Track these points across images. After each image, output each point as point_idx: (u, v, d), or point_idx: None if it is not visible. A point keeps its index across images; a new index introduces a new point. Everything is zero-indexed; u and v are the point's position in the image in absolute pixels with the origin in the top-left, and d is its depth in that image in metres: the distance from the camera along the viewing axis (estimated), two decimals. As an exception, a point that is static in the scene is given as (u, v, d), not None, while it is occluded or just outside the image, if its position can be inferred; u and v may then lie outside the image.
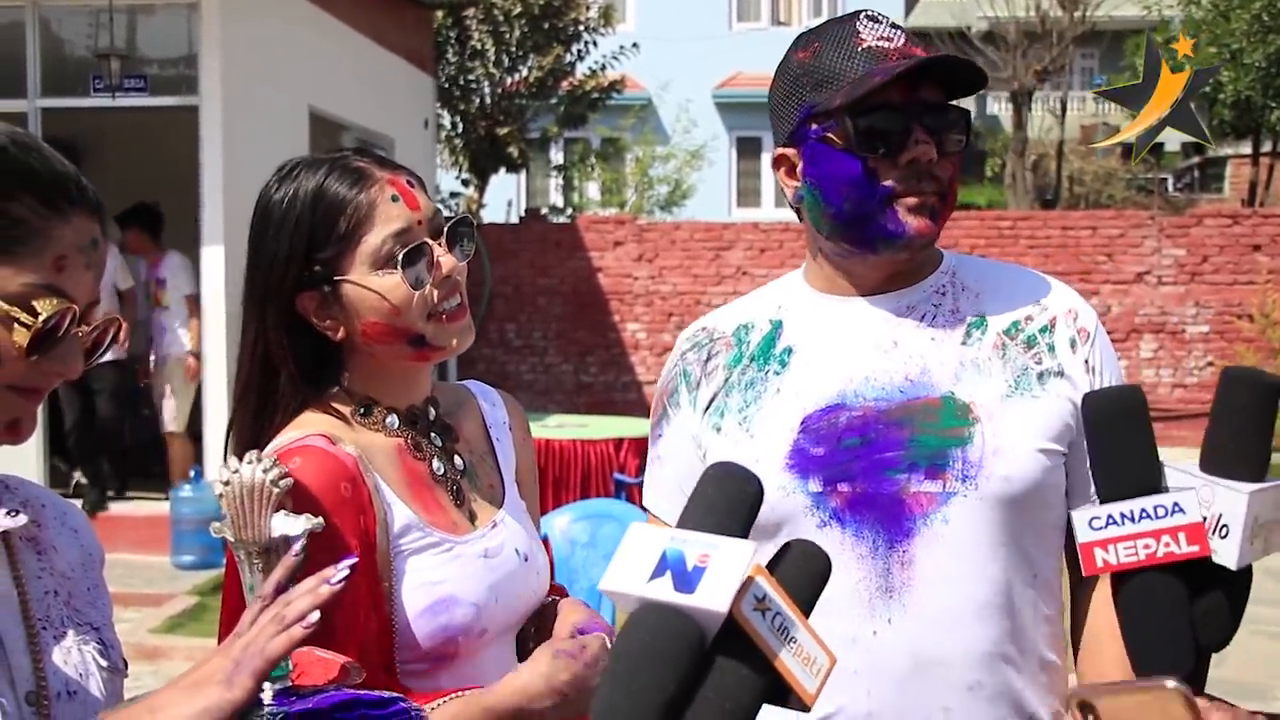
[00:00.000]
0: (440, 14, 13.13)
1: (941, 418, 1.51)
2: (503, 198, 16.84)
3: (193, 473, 7.44)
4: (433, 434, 1.58)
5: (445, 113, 14.24)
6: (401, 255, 1.46)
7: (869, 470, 1.51)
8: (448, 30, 13.84)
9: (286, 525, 1.19)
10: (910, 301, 1.59)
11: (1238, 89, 15.87)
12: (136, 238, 7.89)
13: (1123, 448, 1.01)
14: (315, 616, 1.09)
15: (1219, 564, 1.00)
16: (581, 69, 14.92)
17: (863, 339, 1.58)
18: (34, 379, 1.14)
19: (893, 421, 1.52)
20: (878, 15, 1.56)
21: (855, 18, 1.55)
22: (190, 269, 8.00)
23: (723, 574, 0.78)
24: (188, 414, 7.99)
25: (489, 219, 14.97)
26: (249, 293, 1.52)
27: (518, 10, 13.79)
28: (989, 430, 1.50)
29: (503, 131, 14.10)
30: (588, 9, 14.66)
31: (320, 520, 1.22)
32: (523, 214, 15.30)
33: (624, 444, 7.37)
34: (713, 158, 19.39)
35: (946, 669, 1.48)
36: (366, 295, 1.47)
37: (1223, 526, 1.00)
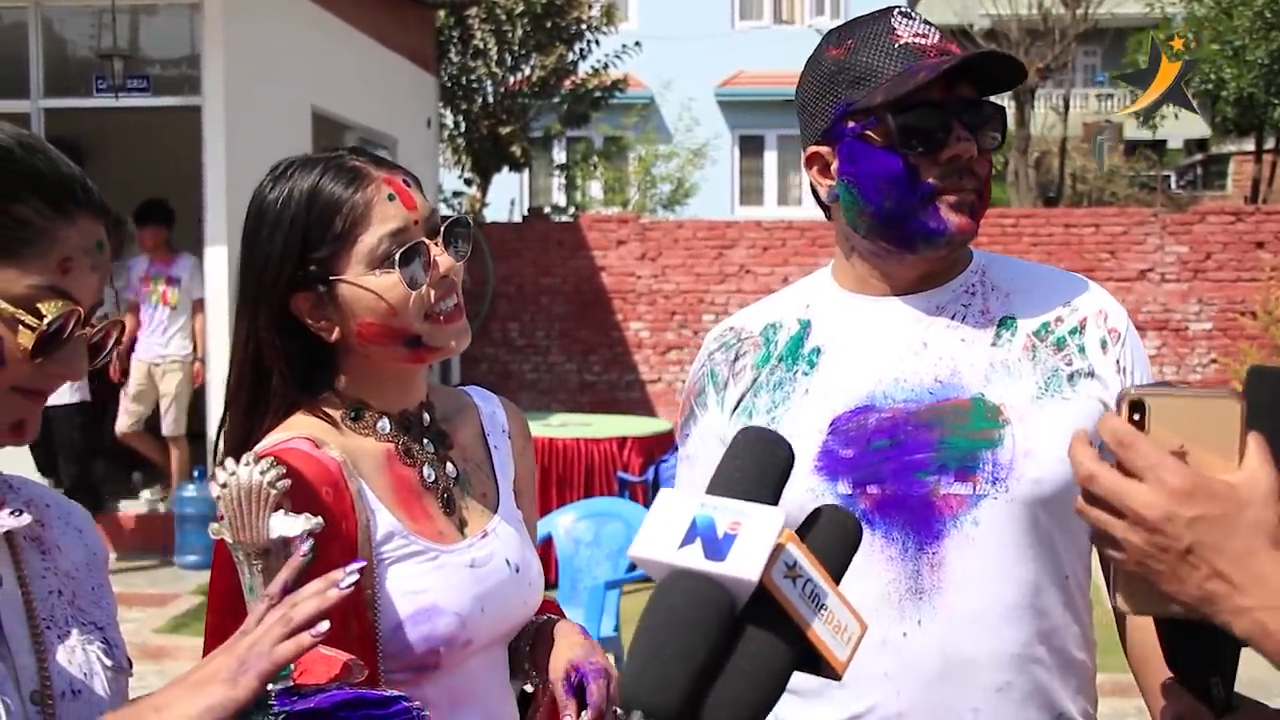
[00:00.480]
0: (443, 13, 13.12)
1: (972, 419, 1.51)
2: (505, 197, 16.82)
3: (196, 473, 7.45)
4: (425, 439, 1.56)
5: (448, 112, 14.23)
6: (398, 255, 1.44)
7: (899, 472, 1.50)
8: (450, 29, 13.83)
9: (285, 526, 1.19)
10: (940, 301, 1.58)
11: (1240, 86, 15.84)
12: (152, 235, 7.68)
13: None
14: (325, 625, 1.08)
15: None
16: (584, 68, 14.91)
17: (892, 340, 1.56)
18: (38, 381, 1.14)
19: (923, 423, 1.51)
20: (910, 12, 1.54)
21: (889, 14, 1.53)
22: (201, 273, 7.92)
23: (753, 541, 0.78)
24: (186, 418, 7.89)
25: (492, 218, 14.96)
26: (242, 292, 1.51)
27: (520, 9, 13.79)
28: (1019, 432, 1.49)
29: (505, 131, 14.10)
30: (590, 8, 14.65)
31: (320, 520, 1.21)
32: (525, 213, 15.29)
33: (627, 443, 7.38)
34: (715, 156, 19.36)
35: (976, 670, 1.47)
36: (362, 295, 1.45)
37: None
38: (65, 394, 7.12)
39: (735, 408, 1.61)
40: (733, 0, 22.36)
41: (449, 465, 1.57)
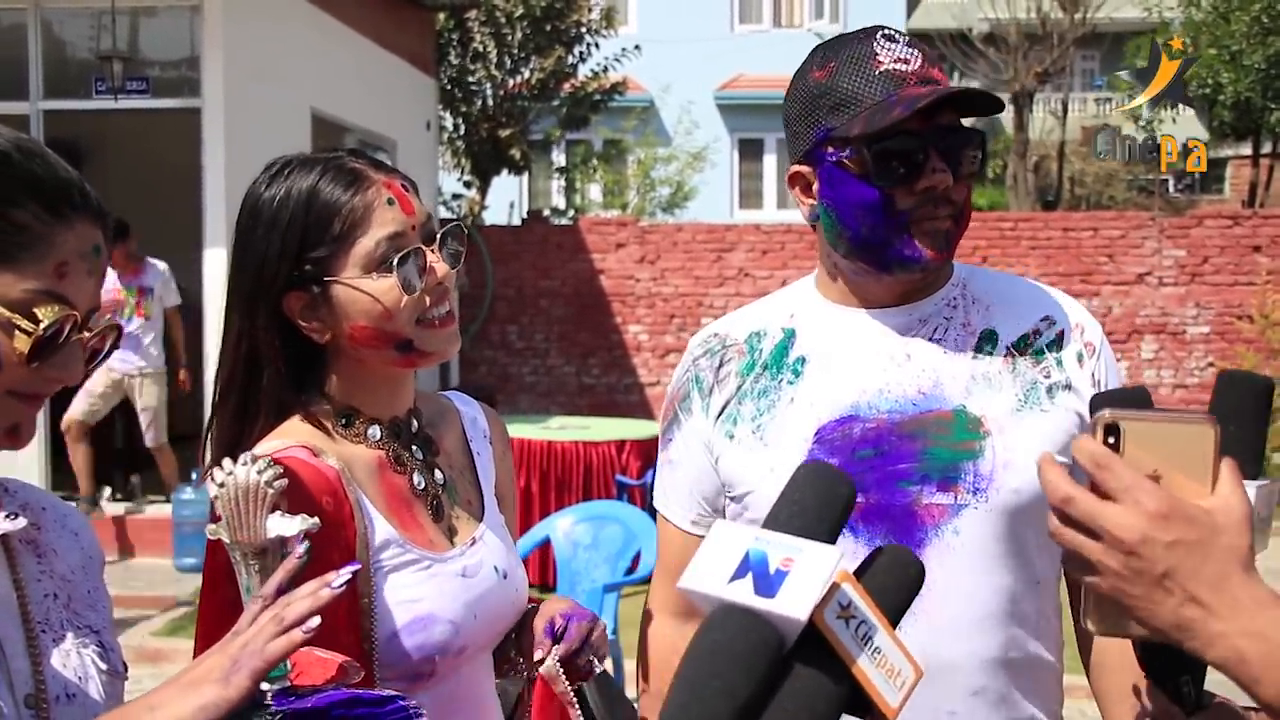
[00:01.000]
0: (442, 16, 13.13)
1: (954, 431, 1.54)
2: (505, 200, 16.82)
3: (194, 475, 7.43)
4: (414, 447, 1.56)
5: (447, 115, 14.23)
6: (395, 259, 1.44)
7: (882, 481, 1.52)
8: (450, 32, 13.84)
9: (282, 526, 1.18)
10: (922, 315, 1.61)
11: (1238, 90, 15.84)
12: (117, 254, 7.54)
13: None
14: (315, 621, 1.08)
15: None
16: (583, 71, 14.91)
17: (876, 351, 1.59)
18: (35, 385, 1.13)
19: (906, 434, 1.54)
20: (894, 34, 1.55)
21: (872, 36, 1.54)
22: (172, 280, 7.84)
23: (806, 580, 0.76)
24: (166, 426, 7.80)
25: (491, 221, 14.97)
26: (235, 291, 1.50)
27: (520, 12, 13.80)
28: (1000, 444, 1.53)
29: (505, 133, 14.10)
30: (590, 11, 14.66)
31: (316, 520, 1.20)
32: (524, 216, 15.28)
33: (626, 446, 7.37)
34: (714, 160, 19.36)
35: (954, 675, 1.50)
36: (358, 297, 1.45)
37: None
38: None
39: (720, 414, 1.63)
40: (732, 4, 22.38)
41: (436, 472, 1.57)
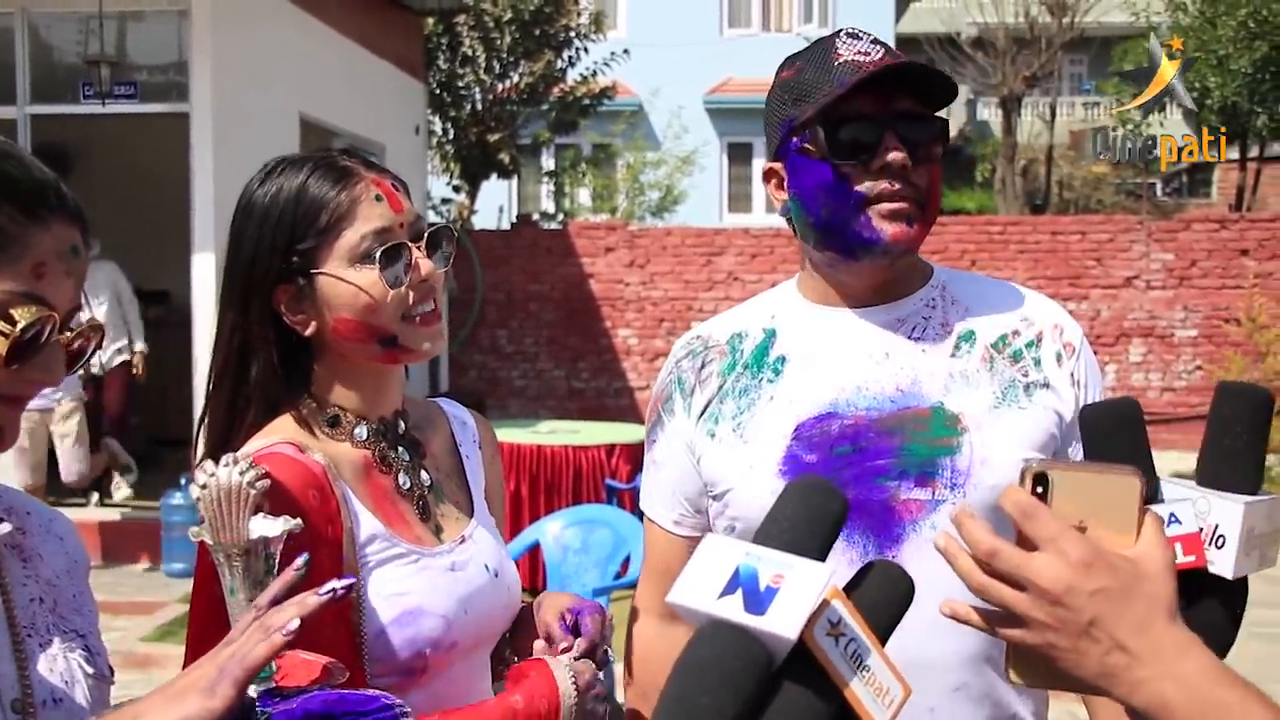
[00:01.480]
0: (431, 20, 13.12)
1: (931, 427, 1.55)
2: (494, 204, 16.82)
3: (183, 480, 7.41)
4: (400, 448, 1.56)
5: (436, 119, 14.22)
6: (380, 252, 1.46)
7: (860, 477, 1.53)
8: (438, 36, 13.83)
9: (265, 527, 1.18)
10: (901, 314, 1.62)
11: (1224, 95, 15.91)
12: None
13: (1119, 459, 1.00)
14: (296, 624, 1.08)
15: (1216, 575, 1.01)
16: (572, 75, 14.92)
17: (855, 349, 1.60)
18: (15, 387, 1.13)
19: (884, 430, 1.55)
20: (859, 33, 1.59)
21: (836, 35, 1.59)
22: (116, 282, 7.59)
23: (796, 597, 0.76)
24: (87, 462, 7.39)
25: (480, 225, 14.96)
26: (228, 285, 1.51)
27: (508, 16, 13.80)
28: (977, 440, 1.54)
29: (494, 138, 14.10)
30: (579, 15, 14.67)
31: (299, 521, 1.20)
32: (514, 220, 15.29)
33: (616, 450, 7.37)
34: (704, 163, 19.39)
35: (933, 671, 1.50)
36: (342, 289, 1.46)
37: (1219, 537, 1.02)
38: None
39: (702, 413, 1.65)
40: (721, 8, 22.41)
41: (423, 473, 1.58)
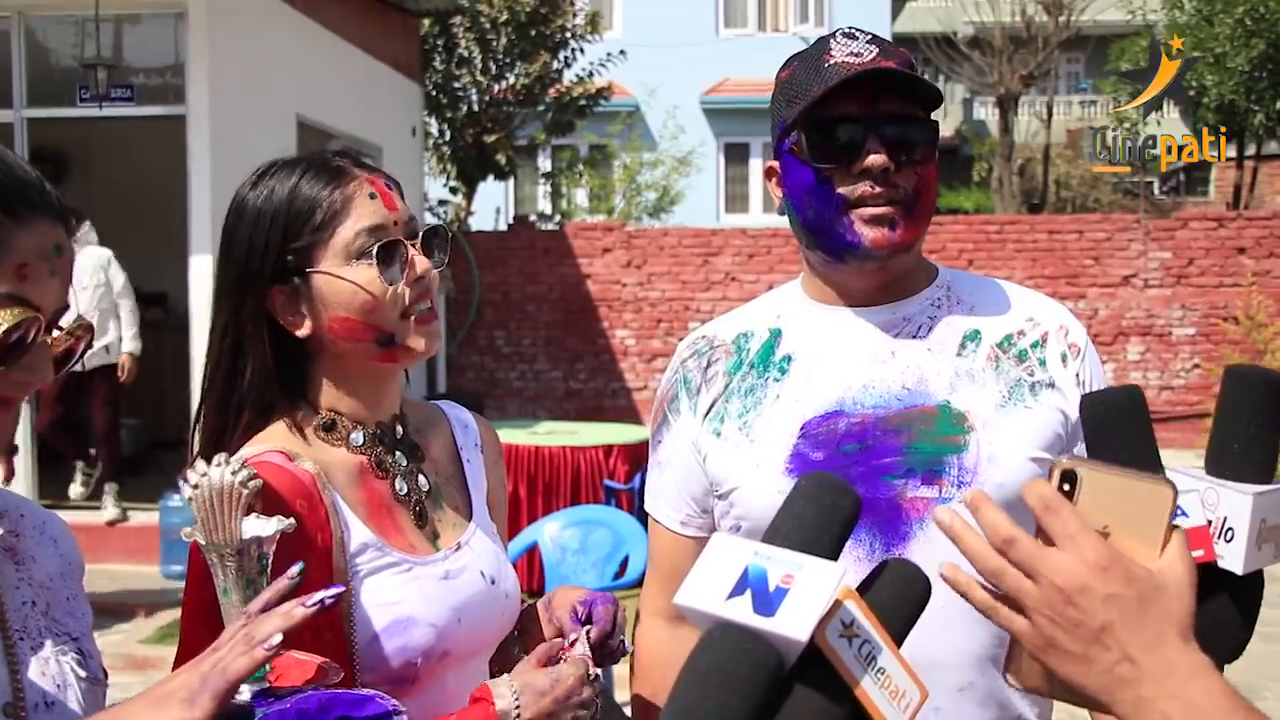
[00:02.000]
0: (427, 22, 13.12)
1: (938, 425, 1.55)
2: (491, 205, 16.82)
3: (180, 482, 7.38)
4: (398, 452, 1.55)
5: (433, 120, 14.21)
6: (377, 249, 1.45)
7: (867, 475, 1.53)
8: (435, 38, 13.82)
9: (257, 527, 1.18)
10: (906, 313, 1.63)
11: (1221, 93, 15.93)
12: None
13: (1122, 450, 0.97)
14: (278, 639, 1.07)
15: (1226, 570, 0.97)
16: (569, 76, 14.91)
17: (861, 348, 1.61)
18: (3, 389, 1.11)
19: (891, 429, 1.55)
20: (855, 32, 1.58)
21: (832, 35, 1.59)
22: (104, 269, 7.47)
23: (806, 598, 0.74)
24: None
25: (477, 226, 14.95)
26: (221, 285, 1.50)
27: (505, 18, 13.79)
28: (983, 438, 1.54)
29: (490, 139, 14.09)
30: (575, 16, 14.67)
31: (292, 521, 1.20)
32: (511, 221, 15.28)
33: (614, 450, 7.37)
34: (700, 164, 19.38)
35: (939, 670, 1.49)
36: (339, 287, 1.45)
37: (1228, 530, 0.98)
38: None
39: (708, 413, 1.65)
40: (717, 8, 22.40)
41: (420, 478, 1.56)
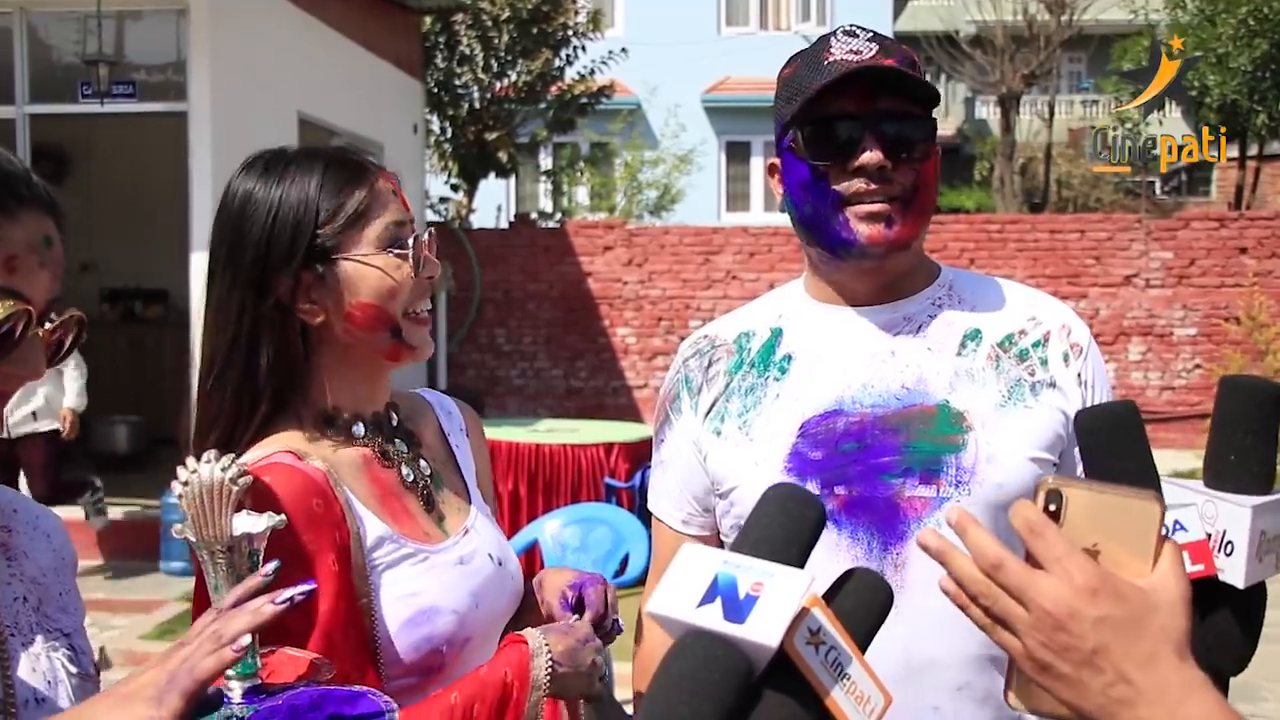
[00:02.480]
0: (429, 19, 13.12)
1: (937, 425, 1.54)
2: (492, 203, 16.81)
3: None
4: (398, 440, 1.57)
5: (434, 118, 14.22)
6: (410, 240, 1.49)
7: (865, 474, 1.53)
8: (436, 35, 13.82)
9: (248, 524, 1.16)
10: (907, 312, 1.62)
11: (1224, 93, 15.92)
12: None
13: (1118, 466, 0.95)
14: (246, 640, 1.04)
15: (1227, 583, 0.96)
16: (570, 74, 14.91)
17: (861, 348, 1.61)
18: None
19: (889, 428, 1.55)
20: (856, 30, 1.59)
21: (833, 33, 1.59)
22: None
23: (776, 605, 0.76)
24: None
25: (478, 224, 14.95)
26: (232, 272, 1.48)
27: (506, 15, 13.79)
28: (982, 438, 1.53)
29: (491, 136, 14.09)
30: (576, 14, 14.66)
31: (283, 517, 1.19)
32: (512, 219, 15.28)
33: (614, 448, 7.37)
34: (702, 162, 19.37)
35: (938, 670, 1.50)
36: (367, 273, 1.47)
37: (1228, 543, 0.96)
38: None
39: (709, 412, 1.65)
40: (719, 6, 22.39)
41: (422, 463, 1.58)
